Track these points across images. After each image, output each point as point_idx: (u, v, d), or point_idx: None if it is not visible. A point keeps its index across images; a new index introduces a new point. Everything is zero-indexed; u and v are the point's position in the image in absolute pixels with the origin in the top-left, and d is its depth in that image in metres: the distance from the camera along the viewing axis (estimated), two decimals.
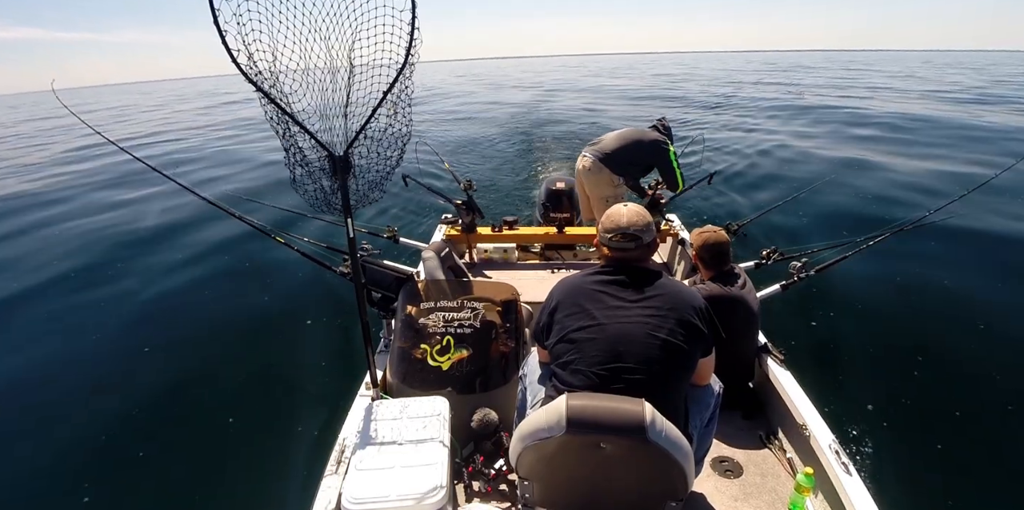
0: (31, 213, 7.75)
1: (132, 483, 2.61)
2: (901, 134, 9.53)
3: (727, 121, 12.14)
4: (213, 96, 41.22)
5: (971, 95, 17.94)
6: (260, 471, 2.60)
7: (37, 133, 21.02)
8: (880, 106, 13.45)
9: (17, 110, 44.79)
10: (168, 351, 3.80)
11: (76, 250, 5.99)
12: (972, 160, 7.41)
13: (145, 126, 20.24)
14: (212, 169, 10.29)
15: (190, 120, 21.53)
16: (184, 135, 16.19)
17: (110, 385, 3.43)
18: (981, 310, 3.58)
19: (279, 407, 3.06)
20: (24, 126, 25.37)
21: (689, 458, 1.29)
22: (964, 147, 8.40)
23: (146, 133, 17.47)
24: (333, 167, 1.71)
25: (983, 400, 2.81)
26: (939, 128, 9.97)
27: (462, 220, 3.72)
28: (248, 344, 3.77)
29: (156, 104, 35.68)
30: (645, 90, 22.88)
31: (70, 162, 12.29)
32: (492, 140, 11.85)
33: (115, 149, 2.71)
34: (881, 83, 23.59)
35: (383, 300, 2.46)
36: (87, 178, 10.19)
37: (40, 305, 4.65)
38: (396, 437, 1.72)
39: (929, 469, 2.41)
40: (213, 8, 1.34)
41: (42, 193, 9.11)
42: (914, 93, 17.75)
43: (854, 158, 7.80)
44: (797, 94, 19.51)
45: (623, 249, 1.54)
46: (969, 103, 15.20)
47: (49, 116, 29.93)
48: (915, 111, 12.30)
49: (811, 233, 5.04)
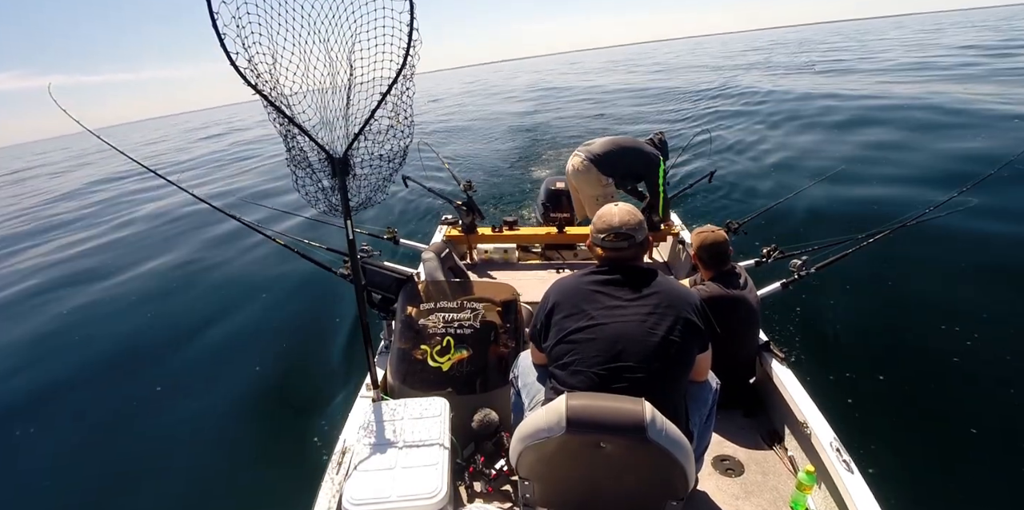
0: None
1: (132, 483, 2.61)
2: (913, 121, 9.41)
3: (727, 119, 12.13)
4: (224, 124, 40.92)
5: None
6: (261, 472, 2.60)
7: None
8: (886, 90, 13.32)
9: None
10: (168, 351, 3.81)
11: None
12: (980, 150, 7.31)
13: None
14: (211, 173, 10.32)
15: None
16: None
17: (110, 385, 3.44)
18: (985, 308, 3.57)
19: (280, 408, 3.07)
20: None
21: (689, 457, 1.29)
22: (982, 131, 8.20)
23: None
24: (333, 169, 1.71)
25: (986, 398, 2.80)
26: (957, 113, 9.69)
27: (462, 221, 3.72)
28: (248, 346, 3.78)
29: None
30: (637, 84, 22.70)
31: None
32: (496, 138, 11.84)
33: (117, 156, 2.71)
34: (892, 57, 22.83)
35: (383, 301, 2.47)
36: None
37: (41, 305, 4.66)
38: (397, 438, 1.72)
39: (930, 467, 2.40)
40: (211, 11, 1.35)
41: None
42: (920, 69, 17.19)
43: (855, 156, 7.78)
44: (809, 64, 19.51)
45: (617, 249, 1.54)
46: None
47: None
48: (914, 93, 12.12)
49: (812, 230, 5.03)
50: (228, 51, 1.41)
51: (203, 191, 2.76)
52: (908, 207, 2.89)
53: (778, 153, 8.23)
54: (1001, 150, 6.51)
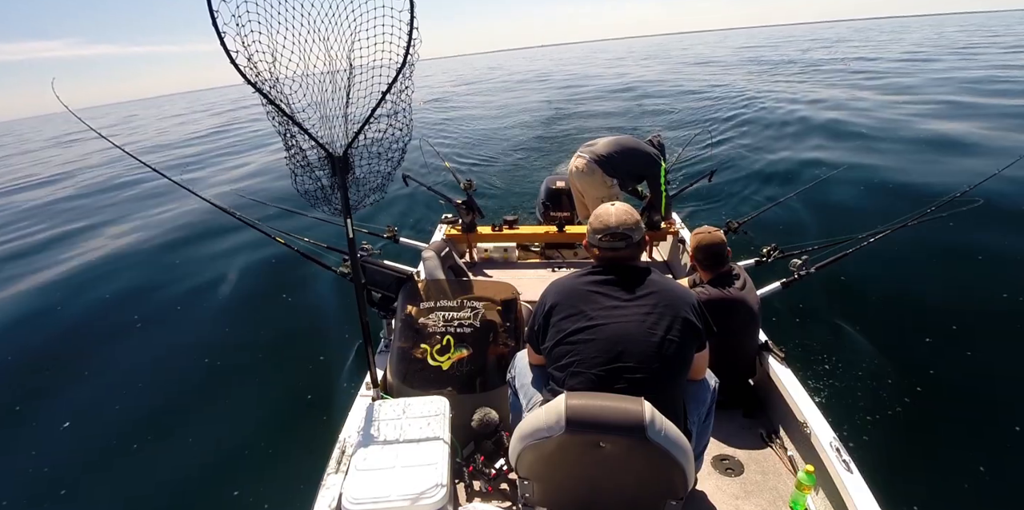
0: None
1: (132, 482, 2.62)
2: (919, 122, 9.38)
3: (727, 116, 12.11)
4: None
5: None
6: (261, 471, 2.60)
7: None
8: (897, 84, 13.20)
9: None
10: (167, 351, 3.81)
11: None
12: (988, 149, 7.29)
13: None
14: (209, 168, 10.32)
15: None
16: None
17: (108, 384, 3.44)
18: (985, 308, 3.57)
19: (279, 407, 3.07)
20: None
21: (689, 457, 1.29)
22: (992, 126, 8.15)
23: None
24: (332, 167, 1.71)
25: (985, 398, 2.81)
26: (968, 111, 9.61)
27: (462, 219, 3.72)
28: (248, 345, 3.78)
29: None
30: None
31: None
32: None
33: (110, 148, 2.71)
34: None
35: (383, 300, 2.47)
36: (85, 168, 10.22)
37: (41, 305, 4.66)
38: (396, 437, 1.72)
39: (930, 467, 2.40)
40: (212, 10, 1.35)
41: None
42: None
43: (857, 152, 7.77)
44: (844, 65, 19.50)
45: (613, 249, 1.53)
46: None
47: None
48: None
49: (813, 230, 5.03)
50: (228, 49, 1.41)
51: (199, 188, 2.74)
52: (908, 208, 2.88)
53: (779, 153, 8.22)
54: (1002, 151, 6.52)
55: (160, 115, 41.85)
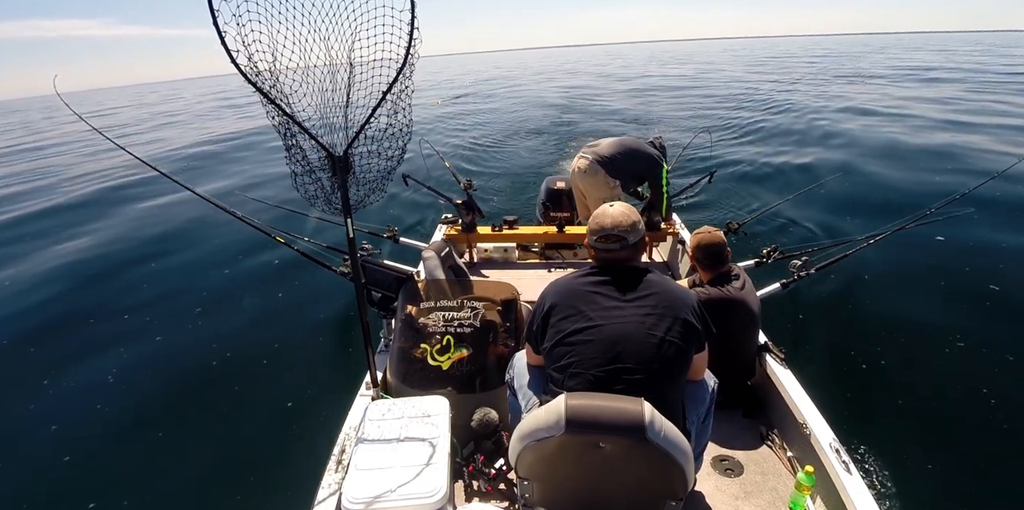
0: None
1: (131, 481, 2.61)
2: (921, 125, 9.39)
3: (728, 115, 12.12)
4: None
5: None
6: (260, 471, 2.60)
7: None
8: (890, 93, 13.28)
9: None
10: (166, 350, 3.80)
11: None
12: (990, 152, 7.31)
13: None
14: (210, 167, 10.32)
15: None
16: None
17: (107, 384, 3.44)
18: (984, 309, 3.57)
19: (279, 407, 3.06)
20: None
21: (688, 458, 1.29)
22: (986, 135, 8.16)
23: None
24: (333, 167, 1.71)
25: (985, 398, 2.81)
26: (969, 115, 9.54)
27: (462, 220, 3.72)
28: (248, 344, 3.77)
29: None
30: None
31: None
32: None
33: (106, 144, 2.71)
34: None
35: (383, 300, 2.47)
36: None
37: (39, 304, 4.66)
38: (396, 437, 1.72)
39: (929, 468, 2.40)
40: (212, 9, 1.34)
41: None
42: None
43: (858, 156, 7.78)
44: (861, 81, 19.59)
45: (609, 250, 1.54)
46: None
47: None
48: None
49: (812, 232, 5.04)
50: (228, 49, 1.41)
51: (197, 186, 2.73)
52: (908, 209, 2.89)
53: (781, 155, 8.22)
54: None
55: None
